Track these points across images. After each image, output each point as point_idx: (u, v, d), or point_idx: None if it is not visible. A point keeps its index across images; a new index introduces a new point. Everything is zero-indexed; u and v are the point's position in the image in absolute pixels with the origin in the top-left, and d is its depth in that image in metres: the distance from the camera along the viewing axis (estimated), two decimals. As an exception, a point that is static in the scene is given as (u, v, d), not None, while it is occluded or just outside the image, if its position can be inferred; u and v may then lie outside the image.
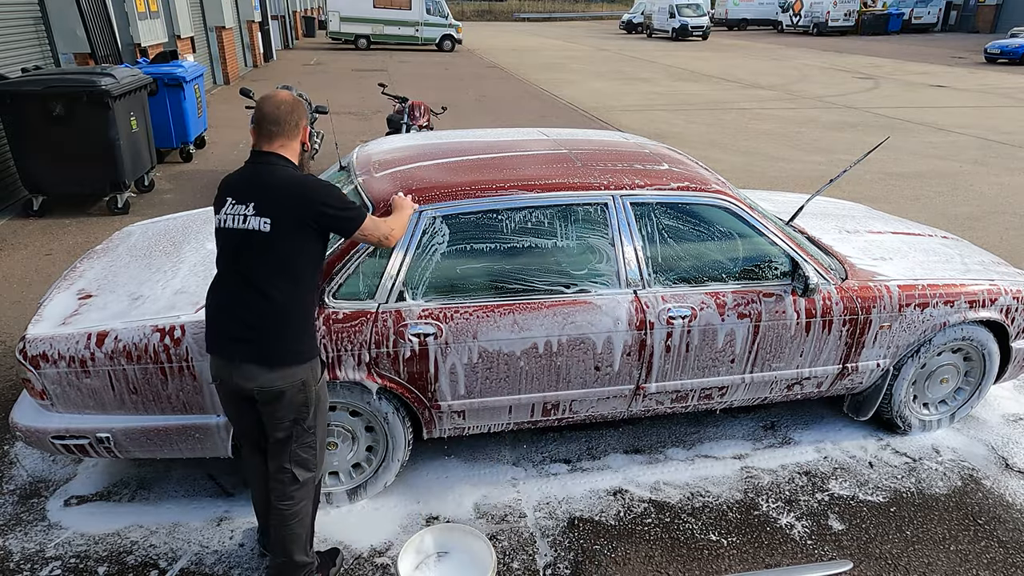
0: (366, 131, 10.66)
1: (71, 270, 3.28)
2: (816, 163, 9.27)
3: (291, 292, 2.20)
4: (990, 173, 8.92)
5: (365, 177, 3.06)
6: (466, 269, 2.82)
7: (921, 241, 3.86)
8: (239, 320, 2.21)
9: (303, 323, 2.26)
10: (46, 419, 2.70)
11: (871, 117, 12.92)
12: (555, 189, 2.92)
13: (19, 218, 6.53)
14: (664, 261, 3.00)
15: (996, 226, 6.85)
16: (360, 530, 2.88)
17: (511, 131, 3.70)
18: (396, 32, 25.56)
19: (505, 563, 2.74)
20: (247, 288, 2.19)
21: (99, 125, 6.21)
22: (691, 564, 2.76)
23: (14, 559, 2.70)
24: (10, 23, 6.86)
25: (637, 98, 14.96)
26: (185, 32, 12.42)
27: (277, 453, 2.35)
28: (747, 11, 42.58)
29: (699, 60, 23.82)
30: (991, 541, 2.91)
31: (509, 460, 3.35)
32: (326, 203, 2.19)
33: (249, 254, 2.18)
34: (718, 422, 3.68)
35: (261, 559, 2.71)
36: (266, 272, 2.17)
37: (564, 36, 36.83)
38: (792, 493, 3.17)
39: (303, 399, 2.27)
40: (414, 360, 2.78)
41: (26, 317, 4.51)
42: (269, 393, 2.22)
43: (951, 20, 37.75)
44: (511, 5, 60.21)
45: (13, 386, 3.78)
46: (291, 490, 2.37)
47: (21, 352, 2.61)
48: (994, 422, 3.74)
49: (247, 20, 18.35)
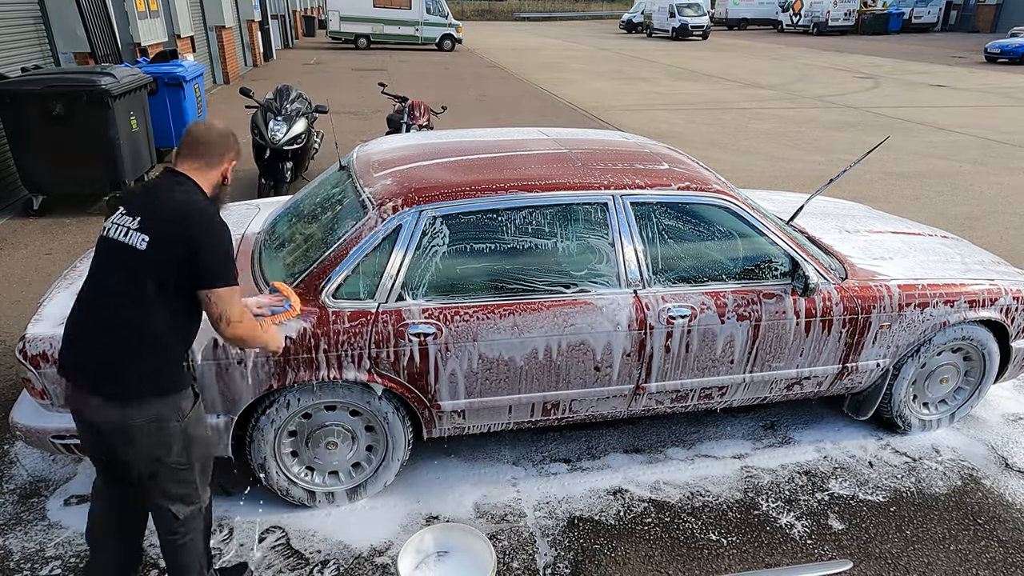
0: (366, 131, 10.66)
1: (71, 269, 3.28)
2: (816, 163, 9.27)
3: (152, 317, 2.02)
4: (990, 173, 8.92)
5: (365, 177, 3.06)
6: (466, 269, 2.82)
7: (921, 241, 3.86)
8: (89, 342, 2.05)
9: (164, 353, 2.08)
10: (46, 419, 2.70)
11: (871, 117, 12.92)
12: (555, 189, 2.92)
13: (19, 217, 6.53)
14: (664, 261, 3.00)
15: (996, 226, 6.85)
16: (360, 529, 2.88)
17: (511, 131, 3.70)
18: (396, 32, 25.55)
19: (505, 563, 2.74)
20: (105, 305, 2.03)
21: (99, 125, 6.21)
22: (691, 564, 2.76)
23: (14, 558, 2.70)
24: (10, 22, 6.86)
25: (637, 98, 14.96)
26: (185, 31, 12.42)
27: (146, 490, 2.18)
28: (747, 11, 42.56)
29: (699, 60, 23.82)
30: (991, 541, 2.91)
31: (509, 460, 3.35)
32: (204, 240, 2.00)
33: (120, 270, 2.02)
34: (718, 422, 3.68)
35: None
36: (131, 292, 2.00)
37: (564, 36, 36.83)
38: (792, 493, 3.17)
39: (158, 439, 2.07)
40: (414, 360, 2.78)
41: (26, 317, 4.51)
42: (112, 428, 2.04)
43: (951, 20, 37.73)
44: (511, 5, 60.20)
45: (13, 386, 3.78)
46: (175, 526, 2.22)
47: (21, 352, 2.61)
48: (994, 422, 3.74)
49: (247, 19, 18.34)
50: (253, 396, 2.69)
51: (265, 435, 2.79)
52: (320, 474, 2.97)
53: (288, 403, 2.77)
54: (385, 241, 2.75)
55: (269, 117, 6.70)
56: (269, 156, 6.69)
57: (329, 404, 2.83)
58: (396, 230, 2.76)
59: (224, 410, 2.72)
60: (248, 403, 2.71)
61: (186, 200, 2.05)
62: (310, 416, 2.85)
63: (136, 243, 1.99)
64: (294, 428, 2.85)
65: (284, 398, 2.76)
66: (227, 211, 3.91)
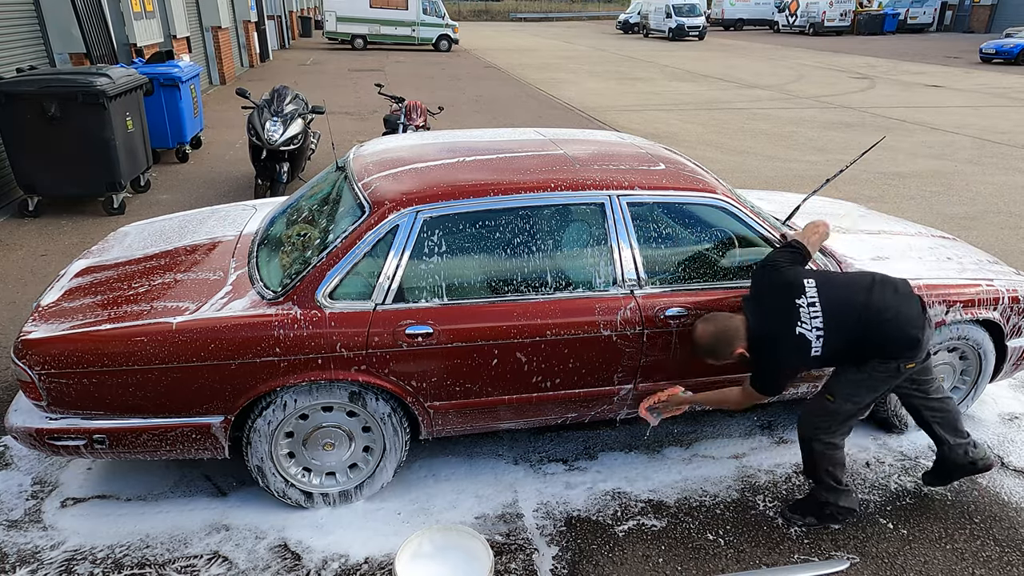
0: (363, 131, 10.65)
1: (66, 271, 3.27)
2: (812, 163, 9.29)
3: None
4: (985, 173, 8.95)
5: (362, 177, 3.06)
6: (463, 270, 2.82)
7: (917, 241, 3.86)
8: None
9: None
10: (42, 420, 2.69)
11: (867, 117, 12.95)
12: (552, 189, 2.92)
13: (14, 219, 6.51)
14: (661, 261, 3.00)
15: (991, 225, 6.87)
16: (357, 531, 2.88)
17: (508, 131, 3.70)
18: (392, 32, 25.54)
19: (503, 563, 2.74)
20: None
21: (95, 125, 6.19)
22: (688, 563, 2.76)
23: (10, 560, 2.69)
24: (5, 23, 6.84)
25: (634, 98, 14.97)
26: (181, 32, 12.39)
27: None
28: (743, 11, 42.61)
29: (696, 60, 23.85)
30: (987, 539, 2.91)
31: (506, 460, 3.35)
32: None
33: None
34: (715, 421, 3.68)
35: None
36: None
37: (561, 36, 36.85)
38: (789, 492, 3.17)
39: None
40: (411, 360, 2.77)
41: (21, 318, 4.50)
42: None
43: (946, 20, 37.84)
44: (508, 5, 60.20)
45: (9, 387, 3.77)
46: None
47: (16, 353, 2.61)
48: (990, 421, 3.75)
49: (243, 20, 18.32)
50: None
51: (262, 436, 2.79)
52: (317, 475, 2.96)
53: (285, 404, 2.76)
54: (381, 242, 2.75)
55: (266, 118, 6.69)
56: (266, 157, 6.68)
57: (326, 405, 2.83)
58: (393, 231, 2.76)
59: (220, 411, 2.72)
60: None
61: None
62: (307, 417, 2.84)
63: None
64: (291, 429, 2.85)
65: (281, 399, 2.75)
66: (223, 211, 3.91)
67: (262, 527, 2.88)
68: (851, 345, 2.65)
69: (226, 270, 3.03)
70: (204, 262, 3.15)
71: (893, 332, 2.63)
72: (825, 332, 2.60)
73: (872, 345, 2.64)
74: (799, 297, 2.64)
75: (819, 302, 2.62)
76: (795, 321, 2.62)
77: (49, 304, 2.88)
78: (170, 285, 2.93)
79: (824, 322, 2.60)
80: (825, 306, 2.62)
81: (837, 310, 2.62)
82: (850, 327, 2.62)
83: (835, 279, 2.76)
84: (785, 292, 2.68)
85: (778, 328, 2.65)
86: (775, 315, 2.67)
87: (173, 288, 2.90)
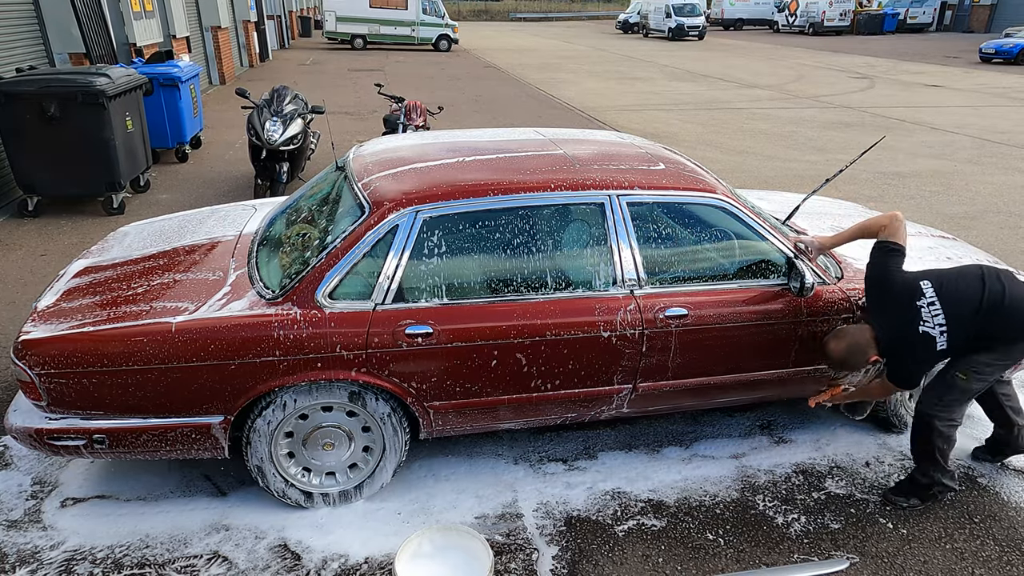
0: (362, 131, 10.65)
1: (65, 271, 3.27)
2: (812, 162, 9.29)
3: None
4: (985, 173, 8.95)
5: (361, 177, 3.06)
6: (462, 269, 2.82)
7: (917, 241, 3.86)
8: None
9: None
10: (42, 420, 2.69)
11: (867, 116, 12.95)
12: (552, 189, 2.92)
13: (14, 219, 6.51)
14: (660, 261, 3.00)
15: (991, 225, 6.87)
16: (357, 531, 2.88)
17: (507, 131, 3.70)
18: (392, 32, 25.53)
19: (503, 563, 2.74)
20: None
21: (94, 125, 6.19)
22: (688, 563, 2.76)
23: (10, 560, 2.69)
24: (5, 23, 6.83)
25: (634, 98, 14.97)
26: (181, 32, 12.38)
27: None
28: (743, 11, 42.60)
29: (695, 60, 23.85)
30: (987, 539, 2.92)
31: (506, 460, 3.35)
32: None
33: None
34: (715, 421, 3.69)
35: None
36: None
37: (561, 36, 36.84)
38: (789, 492, 3.17)
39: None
40: (411, 360, 2.77)
41: (21, 318, 4.50)
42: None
43: (946, 20, 37.83)
44: (508, 5, 60.18)
45: (9, 387, 3.77)
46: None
47: (16, 353, 2.61)
48: (989, 419, 3.74)
49: (243, 20, 18.31)
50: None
51: (261, 436, 2.79)
52: (317, 475, 2.96)
53: (284, 404, 2.76)
54: (381, 242, 2.75)
55: (265, 118, 6.69)
56: (265, 156, 6.68)
57: (325, 405, 2.83)
58: (392, 231, 2.76)
59: (220, 411, 2.72)
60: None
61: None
62: (306, 417, 2.84)
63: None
64: (290, 429, 2.85)
65: (280, 399, 2.75)
66: (223, 211, 3.91)
67: (262, 527, 2.88)
68: (975, 334, 2.81)
69: (226, 270, 3.03)
70: (204, 262, 3.15)
71: (1013, 315, 2.79)
72: (948, 327, 2.77)
73: (995, 329, 2.81)
74: (919, 299, 2.81)
75: (938, 301, 2.79)
76: (918, 322, 2.79)
77: (49, 304, 2.88)
78: (170, 285, 2.93)
79: (945, 319, 2.77)
80: (944, 304, 2.78)
81: (956, 306, 2.79)
82: (970, 319, 2.78)
83: (947, 276, 2.89)
84: (905, 297, 2.84)
85: (904, 331, 2.82)
86: (899, 320, 2.84)
87: (173, 288, 2.90)
